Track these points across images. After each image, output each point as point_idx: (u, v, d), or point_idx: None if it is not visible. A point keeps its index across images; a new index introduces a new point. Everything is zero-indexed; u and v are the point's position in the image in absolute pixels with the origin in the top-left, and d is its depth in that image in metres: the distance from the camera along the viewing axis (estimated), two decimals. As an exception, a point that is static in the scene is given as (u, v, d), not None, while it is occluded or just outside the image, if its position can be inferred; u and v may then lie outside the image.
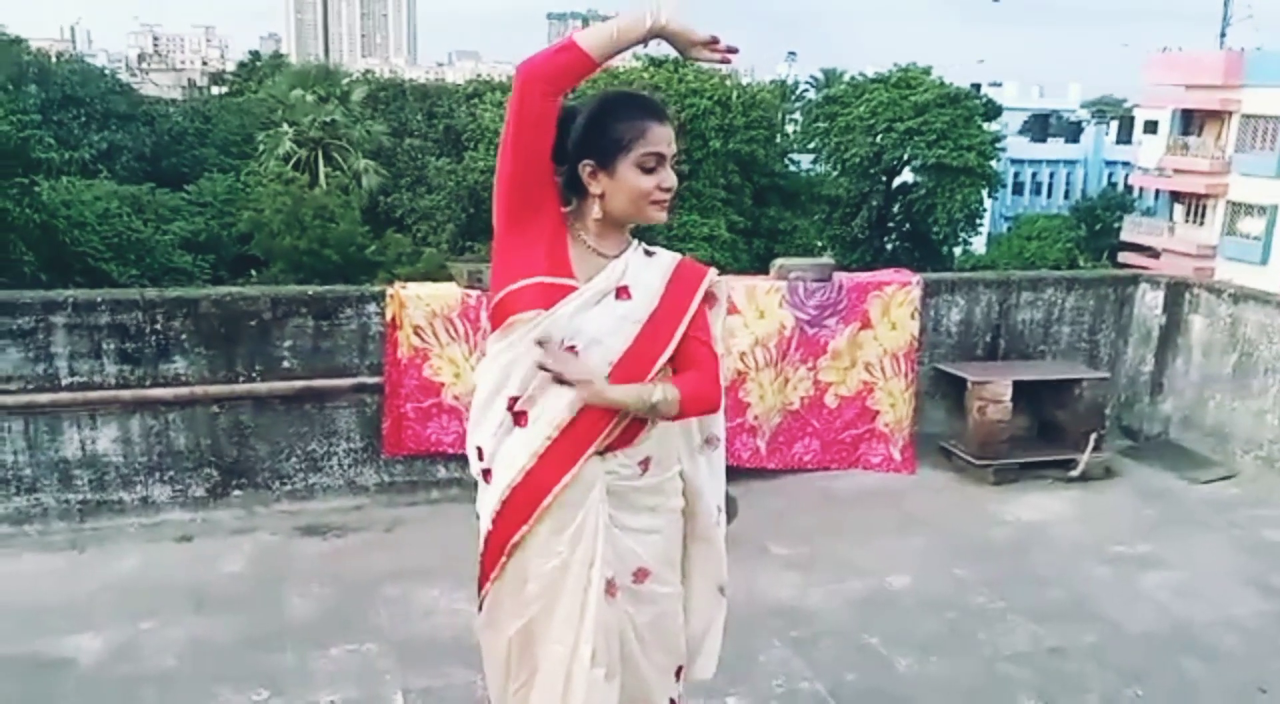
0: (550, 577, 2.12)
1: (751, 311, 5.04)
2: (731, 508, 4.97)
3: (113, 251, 23.43)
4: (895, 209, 37.22)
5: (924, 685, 3.41)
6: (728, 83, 29.33)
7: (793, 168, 33.01)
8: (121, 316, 4.29)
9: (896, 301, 5.30)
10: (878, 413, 5.38)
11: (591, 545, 2.10)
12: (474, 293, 4.54)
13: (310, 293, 4.61)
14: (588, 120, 2.06)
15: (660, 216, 2.09)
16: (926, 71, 35.73)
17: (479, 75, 49.53)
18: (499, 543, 2.15)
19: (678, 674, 2.35)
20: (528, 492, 2.10)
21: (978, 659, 3.57)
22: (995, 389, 5.19)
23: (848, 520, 4.80)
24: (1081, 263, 32.90)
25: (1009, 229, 41.49)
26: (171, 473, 4.45)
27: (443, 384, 4.59)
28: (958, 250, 37.73)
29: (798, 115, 39.85)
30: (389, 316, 4.54)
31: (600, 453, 2.11)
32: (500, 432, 2.11)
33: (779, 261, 5.30)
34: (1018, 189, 47.11)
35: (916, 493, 5.15)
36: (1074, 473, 5.22)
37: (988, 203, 37.49)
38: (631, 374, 2.07)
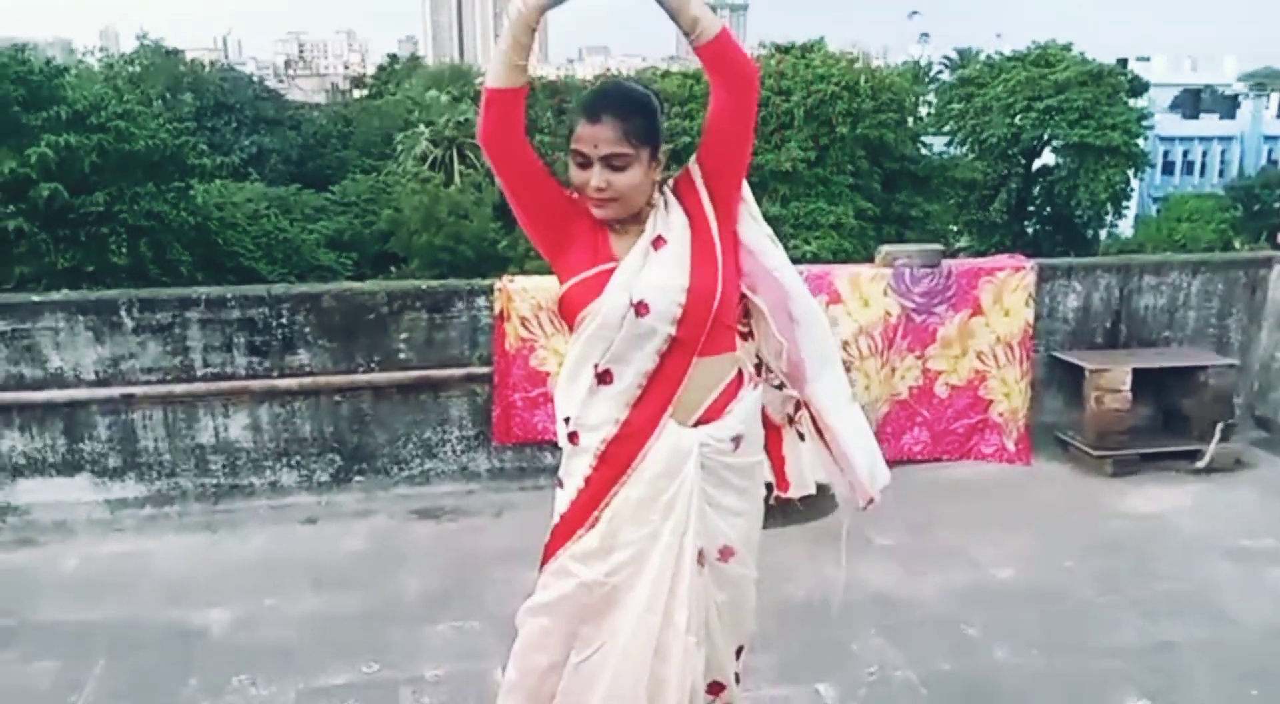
0: (640, 545, 2.18)
1: (855, 300, 5.00)
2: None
3: (262, 250, 24.65)
4: (1035, 192, 35.96)
5: (1022, 677, 3.35)
6: (856, 67, 28.86)
7: (925, 151, 32.22)
8: (250, 311, 4.56)
9: (1010, 287, 5.17)
10: (991, 402, 5.27)
11: (684, 516, 2.16)
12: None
13: (424, 287, 4.81)
14: None
15: (596, 213, 2.15)
16: (1067, 48, 34.38)
17: (607, 70, 50.04)
18: (593, 500, 2.20)
19: (738, 653, 2.43)
20: (625, 444, 2.17)
21: (1081, 653, 3.48)
22: (1113, 377, 5.01)
23: (956, 512, 4.72)
24: (1238, 245, 31.10)
25: (1158, 210, 39.54)
26: (298, 458, 4.72)
27: (548, 374, 4.72)
28: (1103, 233, 36.22)
29: (931, 97, 38.86)
30: (497, 309, 4.70)
31: (694, 425, 2.18)
32: (587, 394, 2.18)
33: (884, 248, 5.24)
34: (1167, 168, 44.81)
35: (1030, 484, 5.03)
36: (1199, 464, 5.01)
37: (1134, 183, 35.82)
38: (700, 308, 2.13)
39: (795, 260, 2.41)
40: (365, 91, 54.70)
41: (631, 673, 2.20)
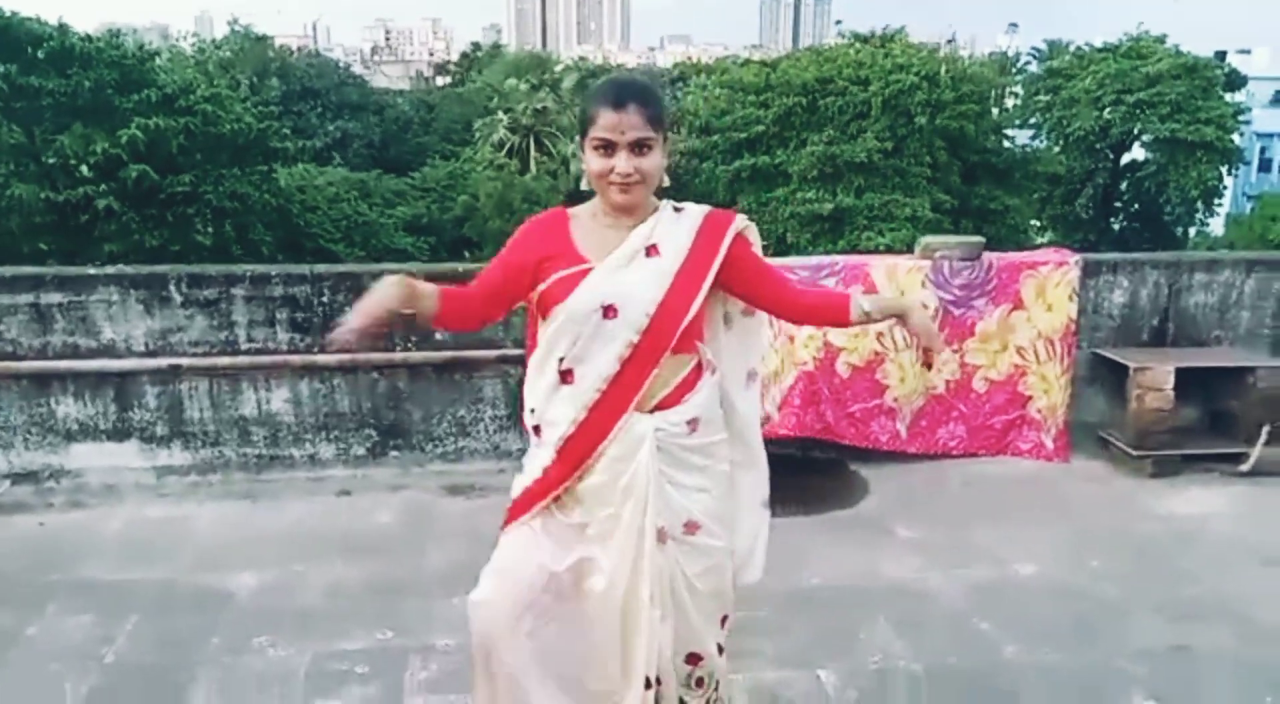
0: (604, 524, 2.28)
1: (892, 290, 4.96)
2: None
3: (341, 233, 25.13)
4: (1123, 187, 34.95)
5: (1030, 674, 3.30)
6: (937, 57, 28.35)
7: (1008, 144, 31.49)
8: (293, 289, 4.72)
9: (1053, 282, 5.08)
10: (1030, 398, 5.19)
11: (643, 496, 2.25)
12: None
13: (460, 269, 4.87)
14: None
15: (618, 199, 2.21)
16: (1160, 40, 33.30)
17: (687, 58, 49.90)
18: (546, 489, 2.31)
19: (723, 622, 2.47)
20: (580, 442, 2.26)
21: (1094, 652, 3.43)
22: (1156, 376, 4.89)
23: (986, 507, 4.67)
24: (1336, 246, 29.78)
25: (1251, 209, 38.11)
26: (336, 432, 4.87)
27: (578, 357, 4.79)
28: (1193, 231, 35.07)
29: (1018, 89, 37.95)
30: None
31: (650, 411, 2.27)
32: (550, 390, 2.29)
33: (924, 239, 5.19)
34: (1264, 166, 43.08)
35: (1065, 482, 4.95)
36: (1243, 467, 4.87)
37: (1228, 180, 34.53)
38: (667, 323, 2.23)
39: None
40: (448, 79, 55.45)
41: (602, 649, 2.30)
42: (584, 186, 2.30)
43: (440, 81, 56.51)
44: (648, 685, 2.30)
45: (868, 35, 29.12)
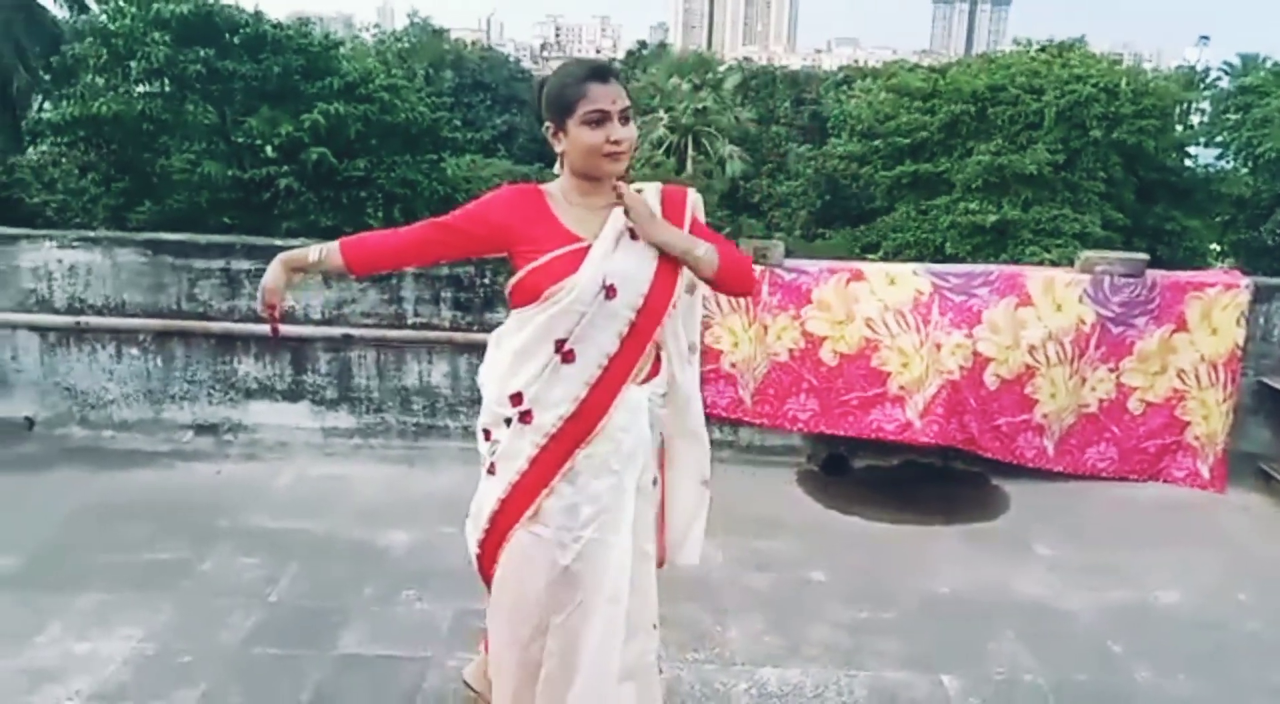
0: (605, 498, 2.34)
1: (1048, 304, 4.87)
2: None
3: (503, 223, 25.83)
4: (1316, 214, 32.65)
5: (1160, 700, 3.24)
6: (1117, 68, 27.17)
7: (1190, 163, 29.85)
8: (458, 270, 4.98)
9: (1220, 305, 4.90)
10: (1187, 424, 5.01)
11: (643, 458, 2.40)
12: (757, 268, 4.79)
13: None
14: (545, 89, 2.31)
15: (615, 168, 2.26)
16: (1370, 56, 30.93)
17: (854, 62, 49.18)
18: (542, 477, 2.35)
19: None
20: (582, 419, 2.31)
21: (1230, 685, 3.33)
22: (1328, 409, 4.66)
23: (1131, 531, 4.55)
24: None
25: None
26: (488, 408, 5.11)
27: (721, 351, 4.89)
28: (1395, 265, 32.48)
29: (1206, 105, 35.92)
30: (681, 285, 4.90)
31: (640, 383, 2.39)
32: (546, 373, 2.30)
33: (1084, 254, 5.07)
34: None
35: (1218, 512, 4.76)
36: None
37: None
38: (659, 302, 2.32)
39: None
40: (613, 76, 56.19)
41: (615, 615, 2.37)
42: (556, 170, 2.35)
43: (605, 78, 57.38)
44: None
45: (1045, 43, 28.09)
